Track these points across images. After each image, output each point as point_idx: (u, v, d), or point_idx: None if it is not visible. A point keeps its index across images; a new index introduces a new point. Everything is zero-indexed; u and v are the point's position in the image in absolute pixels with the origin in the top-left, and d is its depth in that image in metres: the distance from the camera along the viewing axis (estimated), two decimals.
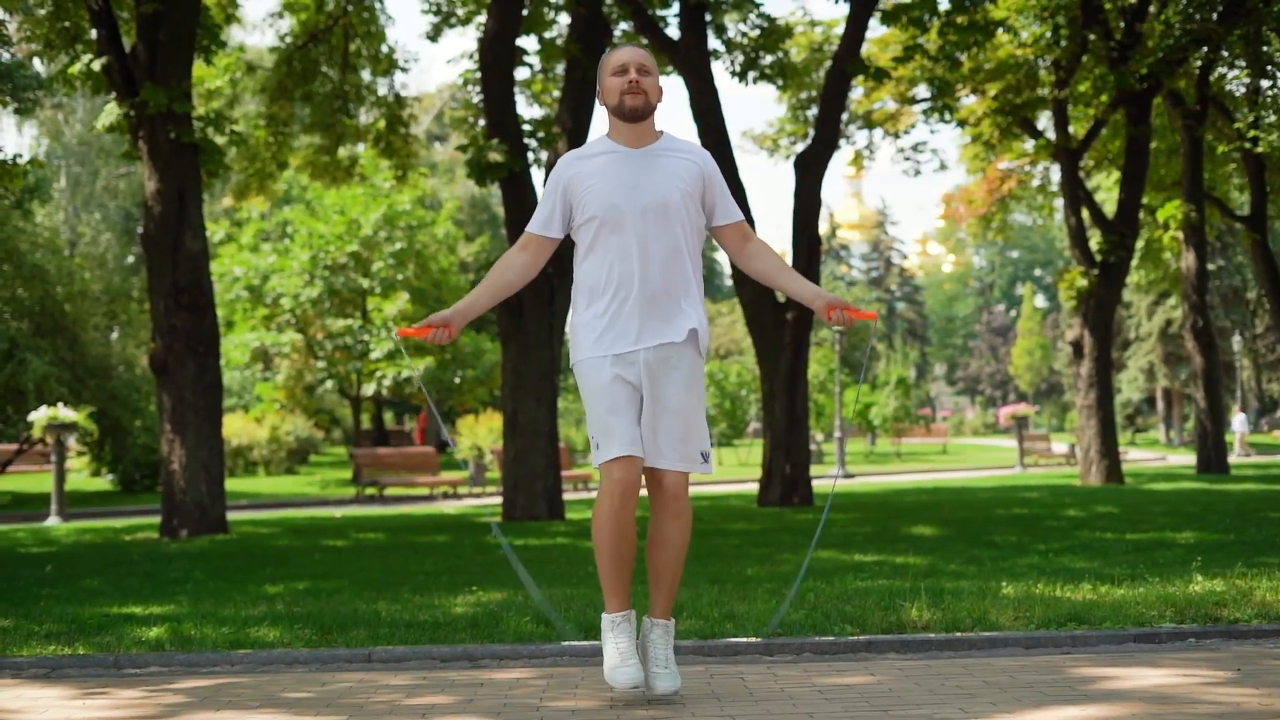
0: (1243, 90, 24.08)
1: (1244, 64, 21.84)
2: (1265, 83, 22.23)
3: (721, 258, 60.31)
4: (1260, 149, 21.04)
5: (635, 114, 4.37)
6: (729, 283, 64.29)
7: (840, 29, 19.86)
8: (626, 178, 4.34)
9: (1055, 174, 26.41)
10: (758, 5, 18.00)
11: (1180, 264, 25.69)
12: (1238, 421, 41.52)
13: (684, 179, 4.39)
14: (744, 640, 5.37)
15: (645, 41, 16.90)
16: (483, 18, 17.89)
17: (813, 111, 23.04)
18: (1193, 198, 23.71)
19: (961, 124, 23.82)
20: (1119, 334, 51.15)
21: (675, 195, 4.35)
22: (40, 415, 18.86)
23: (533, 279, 4.60)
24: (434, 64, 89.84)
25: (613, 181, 4.34)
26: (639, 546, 4.38)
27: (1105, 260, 21.51)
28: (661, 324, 4.30)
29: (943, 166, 26.71)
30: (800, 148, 21.73)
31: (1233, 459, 36.27)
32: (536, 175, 16.08)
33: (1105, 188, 33.87)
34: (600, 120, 59.84)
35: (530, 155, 16.02)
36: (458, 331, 4.46)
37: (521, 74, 18.67)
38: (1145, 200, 24.08)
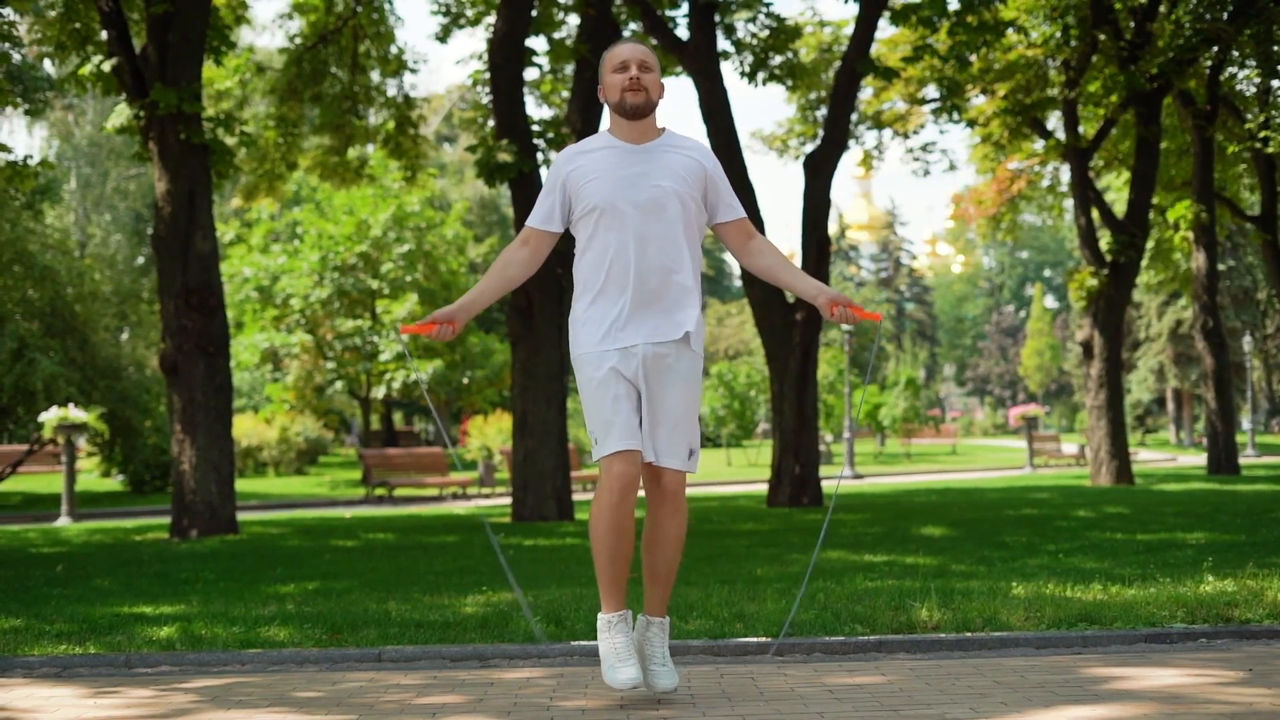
0: (1253, 90, 24.03)
1: (1254, 64, 21.81)
2: (1276, 82, 22.20)
3: (730, 258, 60.29)
4: (1271, 149, 20.99)
5: (636, 111, 4.34)
6: (738, 283, 64.33)
7: (849, 29, 19.84)
8: (626, 173, 4.32)
9: (1065, 174, 26.39)
10: (767, 4, 17.98)
11: (1190, 264, 25.63)
12: None
13: (684, 175, 4.36)
14: (754, 640, 5.36)
15: (654, 42, 16.90)
16: (492, 18, 17.90)
17: (822, 112, 23.01)
18: (1203, 198, 23.64)
19: (971, 124, 23.81)
20: (1129, 334, 51.03)
21: (675, 191, 4.32)
22: (51, 416, 18.92)
23: (537, 275, 4.60)
24: (443, 65, 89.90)
25: (613, 176, 4.32)
26: (635, 546, 4.37)
27: (1115, 260, 21.47)
28: (660, 320, 4.28)
29: (952, 167, 26.65)
30: (809, 148, 21.73)
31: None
32: (546, 175, 16.07)
33: (1115, 188, 33.82)
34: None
35: (540, 156, 16.03)
36: (461, 327, 4.45)
37: (531, 74, 18.68)
38: (1155, 200, 24.03)
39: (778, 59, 18.74)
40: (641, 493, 4.35)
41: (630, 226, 4.28)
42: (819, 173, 16.83)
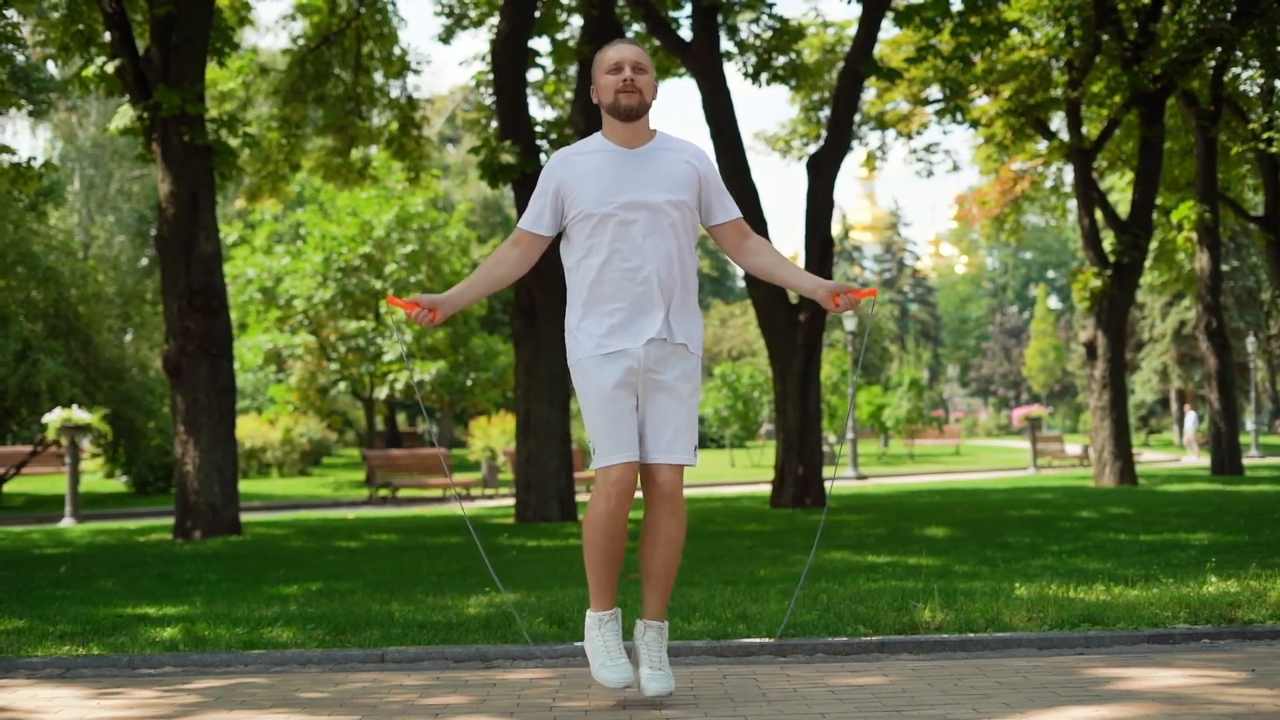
0: (1257, 90, 24.00)
1: (1258, 64, 21.77)
2: (1279, 83, 22.15)
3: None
4: (1274, 149, 20.94)
5: (630, 113, 4.32)
6: (741, 284, 64.23)
7: (853, 30, 19.83)
8: (620, 177, 4.31)
9: (1068, 175, 26.35)
10: (770, 5, 17.98)
11: (1194, 265, 25.60)
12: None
13: (678, 179, 4.36)
14: (757, 641, 5.37)
15: (656, 42, 16.91)
16: (495, 19, 17.92)
17: (825, 113, 23.00)
18: (1206, 198, 23.62)
19: (974, 125, 23.76)
20: (1133, 335, 50.97)
21: (669, 195, 4.32)
22: (55, 417, 18.94)
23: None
24: (446, 66, 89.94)
25: (606, 181, 4.30)
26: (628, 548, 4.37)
27: (1119, 261, 21.44)
28: (658, 322, 4.28)
29: (955, 168, 26.64)
30: (812, 149, 21.71)
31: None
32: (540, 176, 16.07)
33: (1119, 188, 33.79)
34: None
35: (542, 157, 16.03)
36: (442, 318, 4.41)
37: (534, 75, 18.69)
38: (1159, 201, 23.99)
39: (781, 60, 18.73)
40: (639, 494, 4.35)
41: (625, 233, 4.28)
42: (822, 173, 16.83)
